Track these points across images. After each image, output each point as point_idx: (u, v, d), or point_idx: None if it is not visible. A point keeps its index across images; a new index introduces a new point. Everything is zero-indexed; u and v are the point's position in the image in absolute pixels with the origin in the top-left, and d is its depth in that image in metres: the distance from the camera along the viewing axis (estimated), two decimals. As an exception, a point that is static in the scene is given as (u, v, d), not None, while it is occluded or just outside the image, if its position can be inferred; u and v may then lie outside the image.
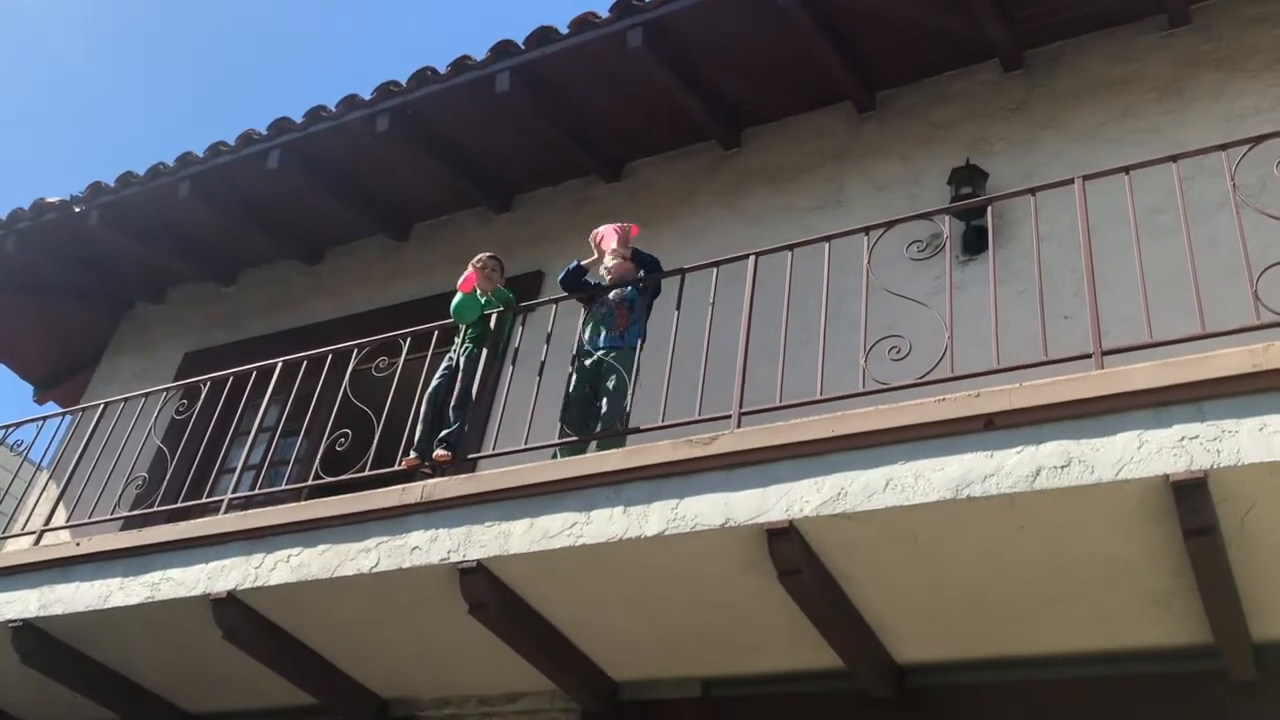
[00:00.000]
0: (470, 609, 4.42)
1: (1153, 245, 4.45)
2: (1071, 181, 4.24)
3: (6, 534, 6.50)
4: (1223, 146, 4.07)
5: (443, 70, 6.79)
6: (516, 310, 5.48)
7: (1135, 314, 3.95)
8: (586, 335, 5.27)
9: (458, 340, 5.54)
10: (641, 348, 5.11)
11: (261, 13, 25.30)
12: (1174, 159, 4.12)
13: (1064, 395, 3.52)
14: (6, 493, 6.47)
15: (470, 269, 5.61)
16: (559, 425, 4.85)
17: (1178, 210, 4.11)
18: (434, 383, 5.40)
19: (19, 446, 6.64)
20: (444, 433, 5.15)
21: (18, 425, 6.65)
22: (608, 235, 5.43)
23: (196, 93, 26.77)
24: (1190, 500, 3.32)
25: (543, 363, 5.01)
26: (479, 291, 5.54)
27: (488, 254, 5.84)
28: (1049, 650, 4.26)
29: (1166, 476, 3.30)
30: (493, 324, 5.40)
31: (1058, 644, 4.23)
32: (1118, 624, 4.07)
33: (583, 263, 5.37)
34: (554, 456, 4.77)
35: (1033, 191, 4.34)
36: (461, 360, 5.39)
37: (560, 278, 5.37)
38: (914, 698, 4.50)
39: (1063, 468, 3.43)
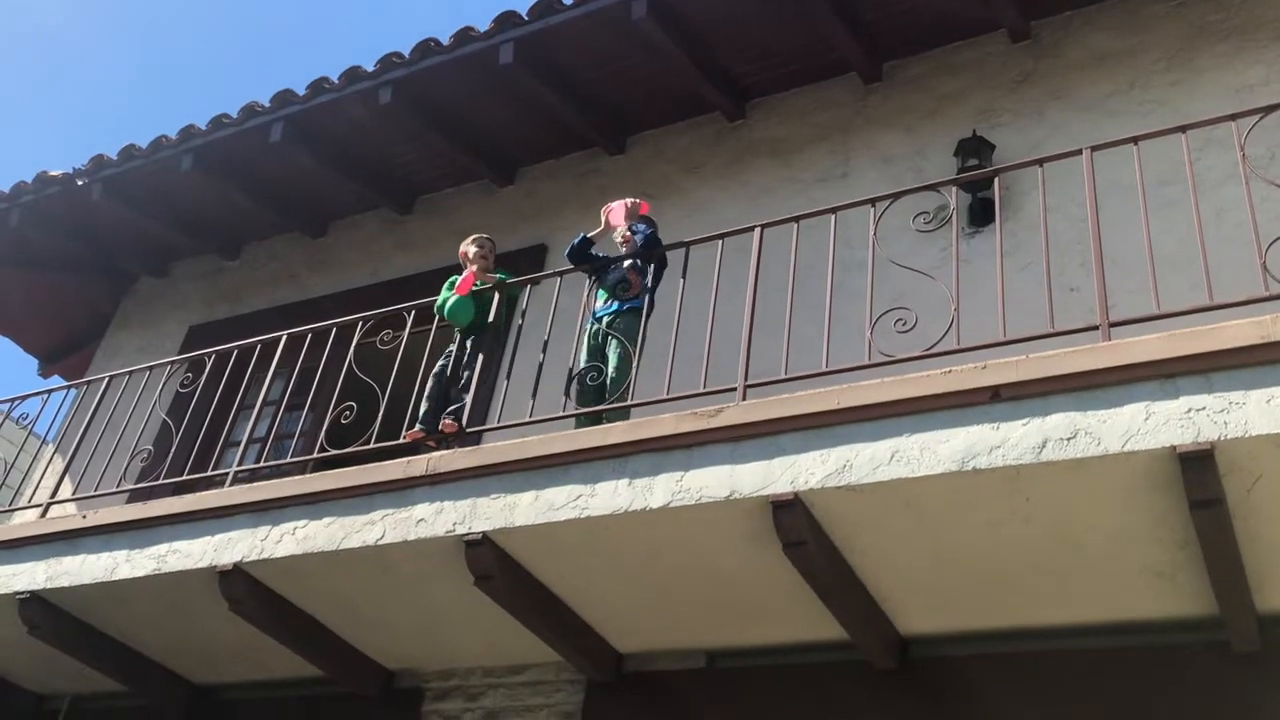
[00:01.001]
0: (476, 581, 4.43)
1: (1160, 217, 4.44)
2: (1079, 152, 4.22)
3: (13, 507, 6.51)
4: (1232, 117, 4.03)
5: (445, 42, 6.74)
6: (519, 281, 5.46)
7: (1142, 286, 3.93)
8: (599, 303, 5.26)
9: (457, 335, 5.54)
10: (648, 316, 5.11)
11: (263, -15, 25.16)
12: (1183, 129, 4.08)
13: (1071, 367, 3.51)
14: (12, 466, 6.48)
15: (468, 270, 5.55)
16: (563, 398, 4.83)
17: (1186, 181, 4.09)
18: (439, 365, 5.42)
19: (25, 420, 6.64)
20: (452, 407, 5.18)
21: (23, 399, 6.65)
22: (617, 210, 5.41)
23: (195, 66, 26.65)
24: (1197, 472, 3.31)
25: (547, 337, 5.00)
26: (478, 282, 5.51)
27: (483, 235, 5.81)
28: (1053, 622, 4.27)
29: (1173, 448, 3.30)
30: (492, 312, 5.38)
31: (1062, 615, 4.23)
32: (1123, 596, 4.07)
33: (589, 235, 5.35)
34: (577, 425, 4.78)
35: (1040, 163, 4.31)
36: (468, 345, 5.41)
37: (567, 251, 5.35)
38: (918, 669, 4.52)
39: (1069, 439, 3.43)
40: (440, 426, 5.10)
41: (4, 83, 24.96)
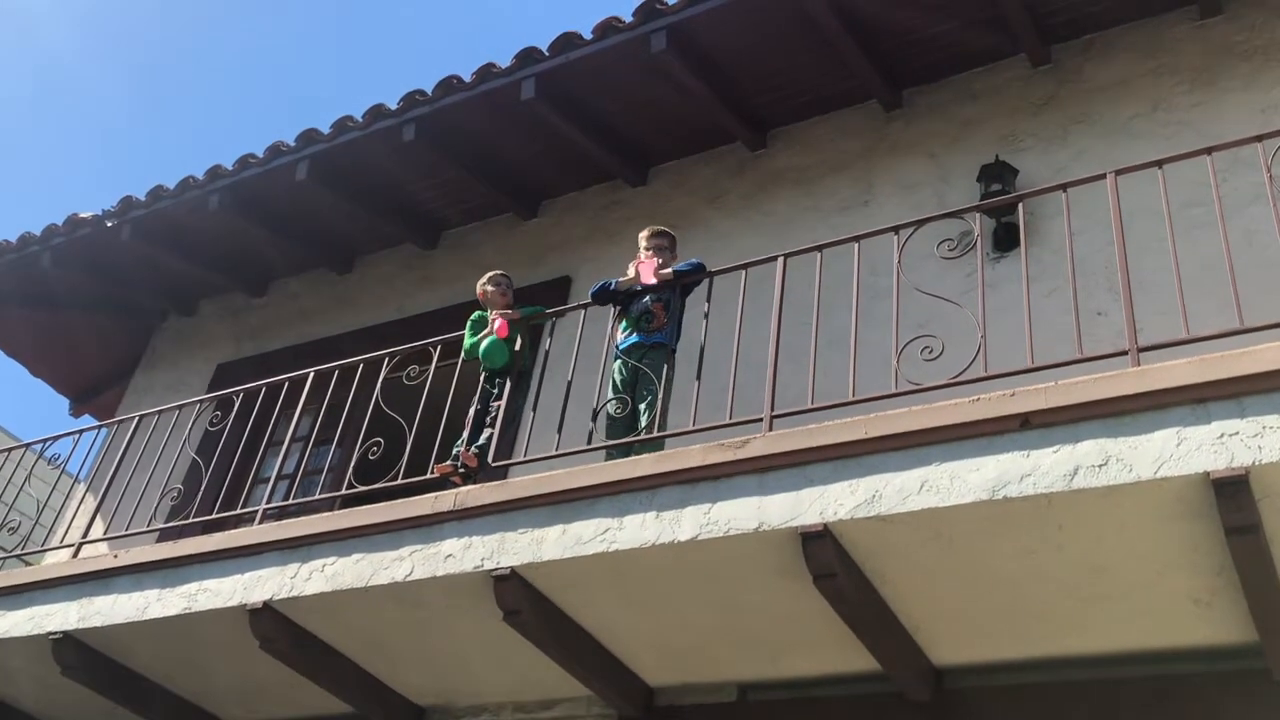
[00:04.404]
0: (504, 616, 4.42)
1: (1187, 240, 4.40)
2: (1103, 176, 4.20)
3: (46, 547, 6.56)
4: (1258, 138, 4.01)
5: (468, 79, 6.81)
6: (544, 317, 5.48)
7: (1171, 309, 3.90)
8: (621, 335, 5.24)
9: (482, 374, 5.56)
10: (676, 347, 5.09)
11: (280, 21, 25.50)
12: (1208, 151, 4.06)
13: (1101, 393, 3.48)
14: (45, 505, 6.54)
15: (495, 312, 5.55)
16: (589, 430, 4.82)
17: (1212, 204, 4.06)
18: (474, 407, 5.44)
19: (56, 460, 6.71)
20: (478, 442, 5.21)
21: (55, 439, 6.72)
22: (646, 266, 5.32)
23: (208, 105, 26.96)
24: (1231, 498, 3.27)
25: (572, 371, 5.00)
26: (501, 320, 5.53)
27: (498, 273, 5.82)
28: (1088, 651, 4.21)
29: (1207, 474, 3.26)
30: (517, 343, 5.40)
31: (1097, 644, 4.18)
32: (1158, 623, 4.02)
33: (614, 286, 5.27)
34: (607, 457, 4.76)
35: (1064, 187, 4.30)
36: (496, 383, 5.44)
37: (592, 292, 5.31)
38: (952, 700, 4.47)
39: (1100, 466, 3.39)
40: (460, 457, 5.11)
41: (19, 123, 25.28)
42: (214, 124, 27.53)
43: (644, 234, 5.47)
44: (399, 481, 5.04)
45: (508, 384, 5.35)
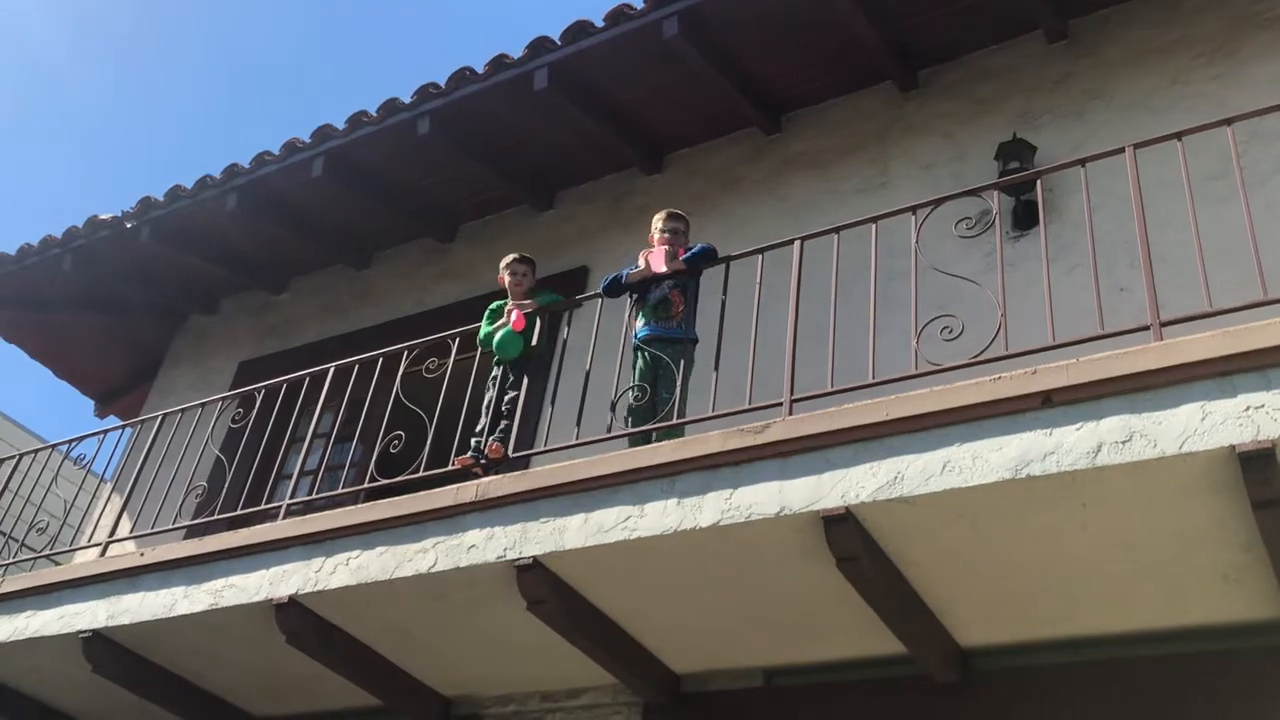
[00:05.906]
0: (528, 605, 4.43)
1: (1208, 213, 4.35)
2: (1122, 151, 4.15)
3: (74, 546, 6.62)
4: (1279, 108, 3.96)
5: (480, 70, 6.80)
6: (562, 308, 5.47)
7: (1192, 283, 3.85)
8: (640, 324, 5.21)
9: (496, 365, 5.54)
10: (697, 336, 5.07)
11: (287, 16, 25.55)
12: (1228, 122, 4.00)
13: (1123, 369, 3.44)
14: (72, 506, 6.59)
15: (515, 309, 5.51)
16: (609, 419, 4.81)
17: (1233, 176, 4.01)
18: (488, 396, 5.43)
19: (83, 460, 6.76)
20: (498, 432, 5.21)
21: (80, 440, 6.77)
22: (656, 255, 5.30)
23: (207, 101, 26.98)
24: (1258, 471, 3.23)
25: (590, 360, 4.99)
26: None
27: (515, 258, 5.79)
28: (1116, 629, 4.19)
29: (1233, 447, 3.22)
30: (535, 337, 5.39)
31: (1125, 623, 4.15)
32: (1186, 600, 3.99)
33: (625, 279, 5.25)
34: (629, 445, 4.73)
35: (1082, 163, 4.25)
36: (511, 373, 5.42)
37: (604, 286, 5.29)
38: (979, 681, 4.45)
39: (1124, 443, 3.36)
40: (486, 450, 5.12)
41: (9, 127, 25.36)
42: (217, 122, 27.60)
43: (659, 216, 5.42)
44: (421, 474, 5.05)
45: (525, 374, 5.33)
